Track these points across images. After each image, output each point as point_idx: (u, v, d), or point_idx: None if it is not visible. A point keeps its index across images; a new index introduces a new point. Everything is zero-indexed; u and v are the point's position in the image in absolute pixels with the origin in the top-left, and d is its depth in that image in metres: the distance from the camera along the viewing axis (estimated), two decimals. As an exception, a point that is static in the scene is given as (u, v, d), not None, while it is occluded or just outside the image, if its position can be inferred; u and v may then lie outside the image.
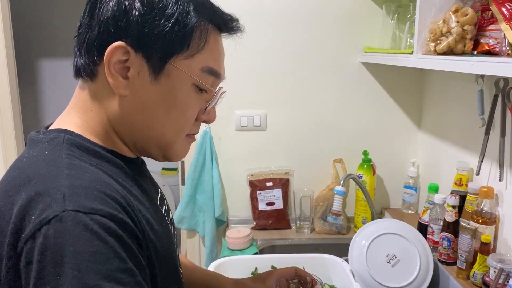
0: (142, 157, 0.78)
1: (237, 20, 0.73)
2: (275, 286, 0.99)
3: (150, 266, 0.64)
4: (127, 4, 0.63)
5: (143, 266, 0.60)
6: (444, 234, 1.32)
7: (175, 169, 3.17)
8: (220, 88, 0.74)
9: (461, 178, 1.37)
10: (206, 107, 0.74)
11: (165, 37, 0.64)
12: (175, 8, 0.64)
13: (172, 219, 0.86)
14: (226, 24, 0.71)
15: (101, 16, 0.64)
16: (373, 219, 1.66)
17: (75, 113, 0.69)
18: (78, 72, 0.68)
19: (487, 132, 1.24)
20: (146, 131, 0.70)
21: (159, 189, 0.84)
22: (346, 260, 1.32)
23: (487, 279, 1.15)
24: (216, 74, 0.71)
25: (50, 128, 0.69)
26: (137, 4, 0.63)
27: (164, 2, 0.64)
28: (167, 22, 0.64)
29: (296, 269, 1.04)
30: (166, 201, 0.85)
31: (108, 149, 0.68)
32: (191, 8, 0.66)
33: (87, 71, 0.67)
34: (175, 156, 0.74)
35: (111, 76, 0.65)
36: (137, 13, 0.63)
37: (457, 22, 1.06)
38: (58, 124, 0.69)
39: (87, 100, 0.69)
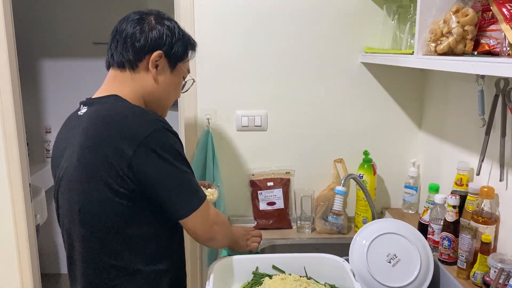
0: None
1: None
2: None
3: None
4: (165, 35, 1.17)
5: None
6: (445, 234, 1.32)
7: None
8: (190, 80, 1.34)
9: (461, 178, 1.38)
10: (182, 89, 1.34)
11: (180, 53, 1.21)
12: (185, 39, 1.22)
13: None
14: (195, 46, 1.28)
15: (150, 35, 1.15)
16: (373, 219, 1.66)
17: (115, 87, 1.16)
18: (122, 64, 1.16)
19: (487, 132, 1.25)
20: (161, 100, 1.23)
21: None
22: (347, 260, 1.32)
23: (487, 279, 1.15)
24: (188, 72, 1.30)
25: (100, 95, 1.16)
26: (168, 33, 1.17)
27: (181, 36, 1.21)
28: (182, 46, 1.21)
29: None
30: None
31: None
32: (188, 39, 1.24)
33: (132, 64, 1.16)
34: (166, 114, 1.28)
35: (152, 68, 1.17)
36: (169, 40, 1.18)
37: (458, 22, 1.06)
38: (106, 92, 1.16)
39: (126, 81, 1.17)
